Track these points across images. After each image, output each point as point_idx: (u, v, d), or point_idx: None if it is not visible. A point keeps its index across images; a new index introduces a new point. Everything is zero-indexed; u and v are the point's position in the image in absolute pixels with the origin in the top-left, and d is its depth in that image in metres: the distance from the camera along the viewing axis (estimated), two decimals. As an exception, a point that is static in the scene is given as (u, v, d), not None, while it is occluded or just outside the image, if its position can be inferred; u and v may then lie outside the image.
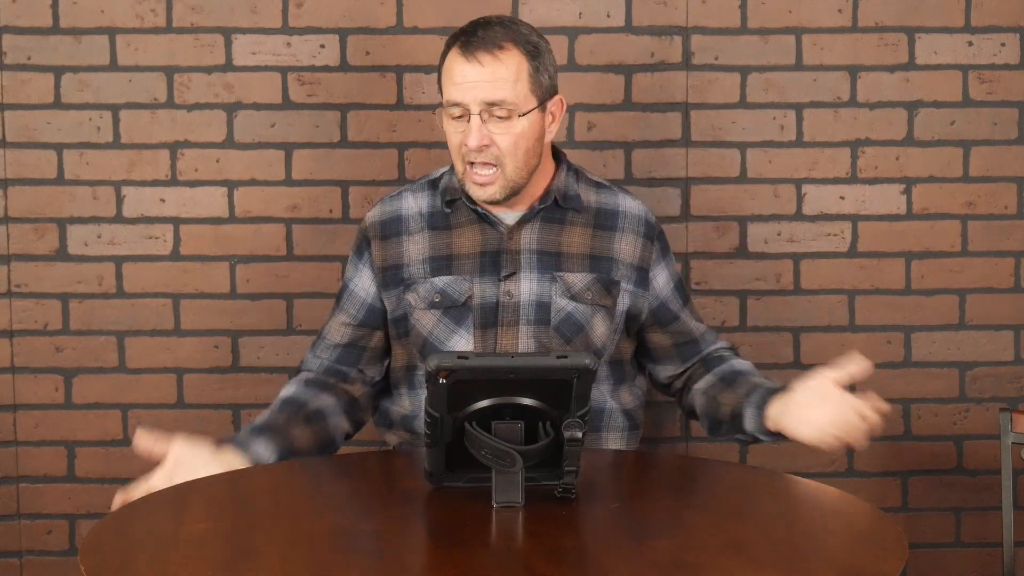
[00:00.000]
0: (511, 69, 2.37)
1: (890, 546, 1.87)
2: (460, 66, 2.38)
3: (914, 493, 3.14)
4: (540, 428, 2.01)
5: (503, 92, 2.36)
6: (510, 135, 2.38)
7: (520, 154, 2.39)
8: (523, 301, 2.45)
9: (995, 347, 3.12)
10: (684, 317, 2.58)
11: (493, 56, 2.37)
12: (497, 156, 2.38)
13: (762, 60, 3.06)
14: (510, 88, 2.37)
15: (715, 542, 1.89)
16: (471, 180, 2.41)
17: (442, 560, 1.84)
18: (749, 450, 3.11)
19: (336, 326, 2.53)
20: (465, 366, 1.93)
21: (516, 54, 2.39)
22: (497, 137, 2.38)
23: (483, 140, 2.37)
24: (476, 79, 2.36)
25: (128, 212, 3.05)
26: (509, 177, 2.40)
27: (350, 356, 2.53)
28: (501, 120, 2.37)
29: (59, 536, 3.10)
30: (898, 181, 3.09)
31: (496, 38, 2.38)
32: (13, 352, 3.06)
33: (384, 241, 2.51)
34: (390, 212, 2.54)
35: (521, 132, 2.38)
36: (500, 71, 2.36)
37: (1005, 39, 3.06)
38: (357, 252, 2.55)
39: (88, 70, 3.03)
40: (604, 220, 2.52)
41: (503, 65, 2.37)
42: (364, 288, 2.52)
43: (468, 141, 2.37)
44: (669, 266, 2.57)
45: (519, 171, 2.41)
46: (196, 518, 2.01)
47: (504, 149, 2.38)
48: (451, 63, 2.40)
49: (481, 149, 2.37)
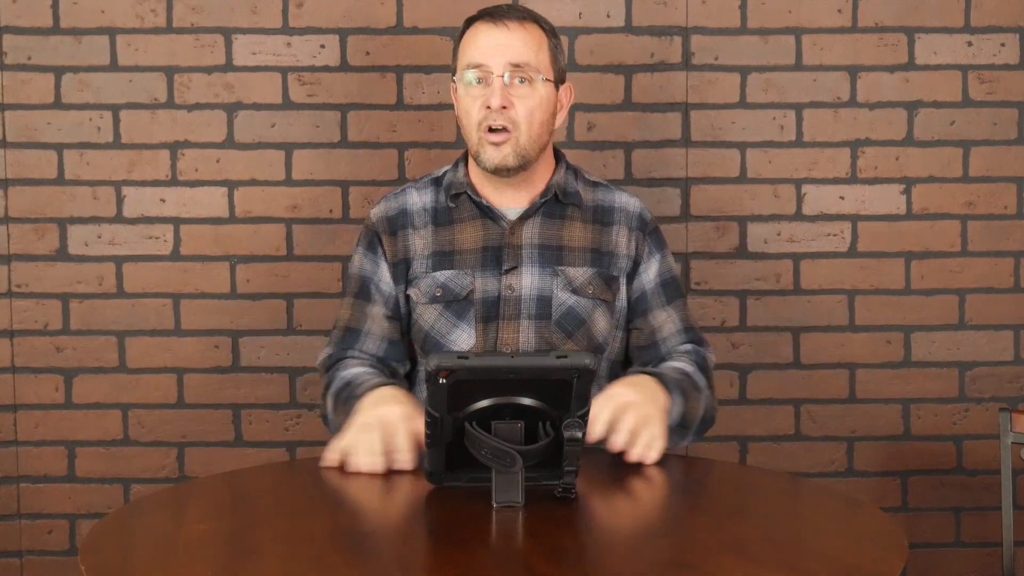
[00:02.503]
0: (535, 38, 2.45)
1: (890, 546, 1.87)
2: (487, 30, 2.44)
3: (914, 493, 3.14)
4: (540, 428, 2.02)
5: (528, 55, 2.43)
6: (530, 100, 2.43)
7: (535, 124, 2.44)
8: (524, 295, 2.46)
9: (995, 347, 3.12)
10: (656, 313, 2.51)
11: (520, 24, 2.45)
12: (514, 120, 2.42)
13: (762, 60, 3.06)
14: (534, 53, 2.44)
15: (715, 542, 1.89)
16: (487, 143, 2.43)
17: (442, 560, 1.84)
18: (749, 450, 3.11)
19: (377, 319, 2.49)
20: (465, 366, 1.93)
21: (539, 29, 2.47)
22: (517, 101, 2.42)
23: (505, 101, 2.41)
24: (503, 41, 2.42)
25: (128, 212, 3.06)
26: (522, 144, 2.43)
27: (396, 351, 2.52)
28: (522, 84, 2.43)
29: (59, 536, 3.10)
30: (898, 181, 3.09)
31: (521, 13, 2.47)
32: (13, 352, 3.06)
33: (392, 236, 2.52)
34: (396, 207, 2.54)
35: (539, 100, 2.44)
36: (526, 36, 2.44)
37: (1005, 39, 3.06)
38: (370, 248, 2.54)
39: (88, 70, 3.03)
40: (601, 216, 2.53)
41: (528, 33, 2.45)
42: (387, 282, 2.51)
43: (491, 101, 2.41)
44: (662, 262, 2.55)
45: (531, 141, 2.44)
46: (196, 518, 2.01)
47: (522, 114, 2.42)
48: (475, 32, 2.46)
49: (501, 110, 2.40)
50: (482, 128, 2.42)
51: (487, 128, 2.42)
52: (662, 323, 2.52)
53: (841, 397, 3.11)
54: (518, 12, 2.47)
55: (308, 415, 3.09)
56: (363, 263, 2.54)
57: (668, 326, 2.52)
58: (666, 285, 2.54)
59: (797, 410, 3.11)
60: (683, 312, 2.55)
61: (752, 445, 3.11)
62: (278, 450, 3.10)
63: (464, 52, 2.46)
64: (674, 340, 2.52)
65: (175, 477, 3.09)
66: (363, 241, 2.56)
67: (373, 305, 2.51)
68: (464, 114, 2.46)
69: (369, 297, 2.52)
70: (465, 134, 2.47)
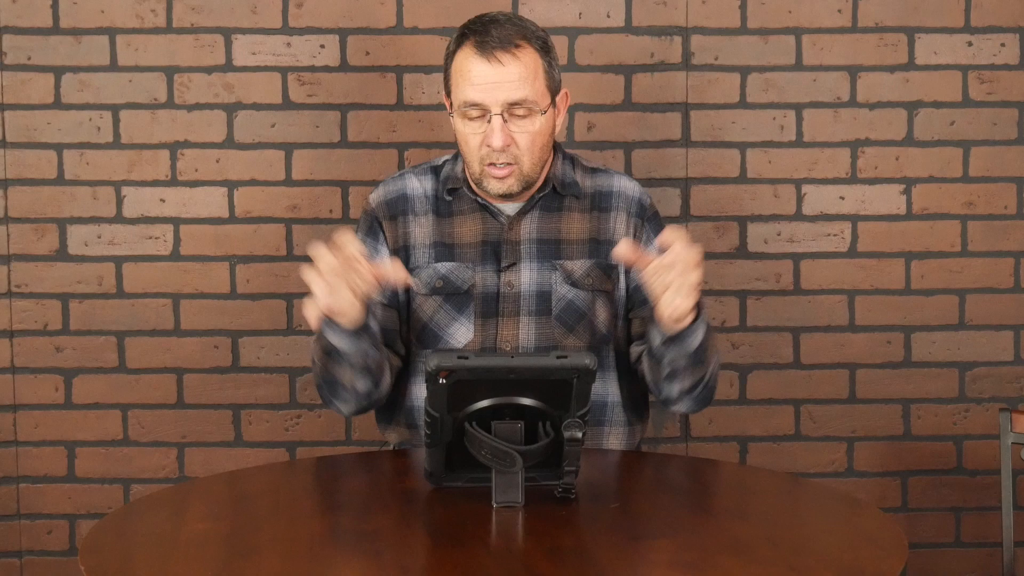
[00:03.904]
0: (529, 68, 2.38)
1: (890, 546, 1.87)
2: (479, 66, 2.37)
3: (914, 493, 3.14)
4: (540, 428, 2.02)
5: (524, 91, 2.37)
6: (529, 133, 2.39)
7: (537, 151, 2.42)
8: (524, 291, 2.45)
9: (995, 347, 3.12)
10: None
11: (512, 55, 2.37)
12: (516, 155, 2.40)
13: (762, 60, 3.06)
14: (530, 86, 2.38)
15: (715, 542, 1.89)
16: (490, 176, 2.41)
17: (442, 560, 1.84)
18: (749, 450, 3.11)
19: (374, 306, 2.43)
20: (465, 366, 1.93)
21: (531, 51, 2.40)
22: (517, 136, 2.39)
23: (506, 140, 2.38)
24: (497, 79, 2.37)
25: (128, 212, 3.05)
26: (526, 172, 2.42)
27: (392, 339, 2.47)
28: (521, 119, 2.39)
29: (59, 536, 3.10)
30: (898, 181, 3.09)
31: (511, 36, 2.38)
32: (13, 352, 3.06)
33: (392, 221, 2.50)
34: (395, 191, 2.52)
35: (539, 128, 2.41)
36: (520, 70, 2.37)
37: (1005, 39, 3.06)
38: (370, 233, 2.51)
39: (88, 70, 3.03)
40: (600, 202, 2.51)
41: (521, 64, 2.38)
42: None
43: (491, 142, 2.37)
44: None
45: (535, 167, 2.43)
46: (196, 518, 2.01)
47: (523, 147, 2.40)
48: (467, 63, 2.39)
49: (504, 149, 2.38)
50: (484, 163, 2.41)
51: (489, 163, 2.41)
52: None
53: (841, 397, 3.11)
54: (508, 35, 2.38)
55: (308, 415, 3.09)
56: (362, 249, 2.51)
57: None
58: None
59: (797, 410, 3.11)
60: None
61: (752, 445, 3.11)
62: (278, 450, 3.10)
63: (458, 85, 2.41)
64: None
65: (175, 477, 3.09)
66: (362, 227, 2.53)
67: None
68: (463, 142, 2.43)
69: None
70: (465, 160, 2.45)
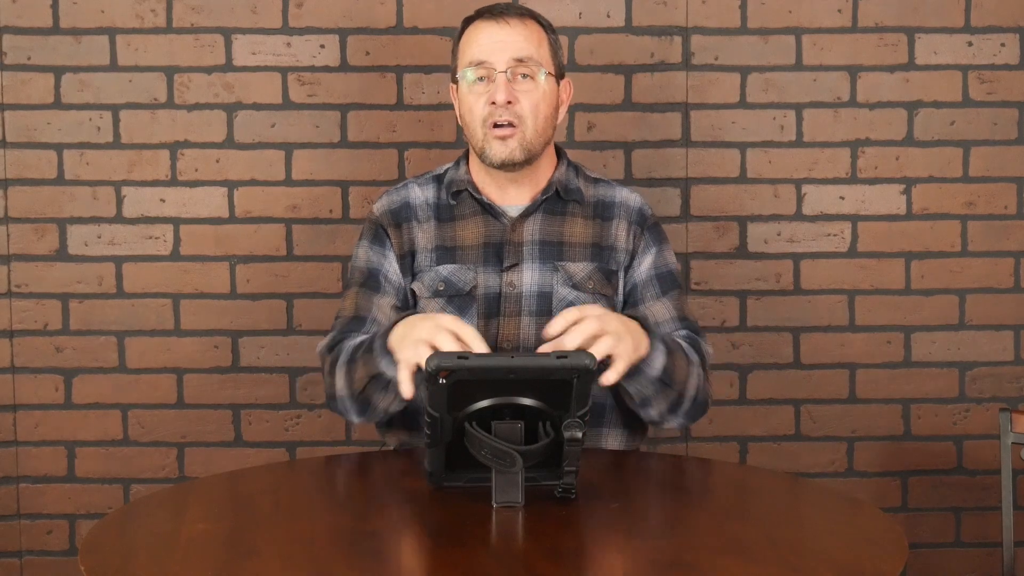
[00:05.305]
0: (535, 33, 2.47)
1: (890, 546, 1.87)
2: (487, 28, 2.46)
3: (914, 493, 3.14)
4: (540, 428, 2.01)
5: (530, 49, 2.44)
6: (534, 94, 2.44)
7: (540, 118, 2.45)
8: (525, 292, 2.46)
9: (995, 347, 3.12)
10: (648, 304, 2.49)
11: (520, 20, 2.47)
12: (519, 114, 2.43)
13: (762, 60, 3.06)
14: (535, 48, 2.45)
15: (715, 542, 1.89)
16: (493, 138, 2.43)
17: (442, 560, 1.84)
18: (749, 450, 3.11)
19: (384, 309, 2.46)
20: (465, 366, 1.93)
21: (538, 26, 2.49)
22: (521, 96, 2.44)
23: (510, 95, 2.42)
24: (503, 38, 2.44)
25: (128, 212, 3.06)
26: (528, 138, 2.44)
27: None
28: (525, 79, 2.44)
29: (59, 536, 3.10)
30: (898, 181, 3.09)
31: (519, 10, 2.49)
32: (13, 352, 3.06)
33: (397, 229, 2.52)
34: (399, 200, 2.54)
35: (543, 94, 2.45)
36: (526, 32, 2.46)
37: (1005, 39, 3.06)
38: (376, 240, 2.53)
39: (88, 70, 3.03)
40: (603, 210, 2.53)
41: (528, 28, 2.46)
42: (396, 273, 2.50)
43: (496, 96, 2.42)
44: (658, 256, 2.53)
45: (537, 135, 2.45)
46: (196, 518, 2.01)
47: (527, 108, 2.43)
48: (475, 30, 2.47)
49: (507, 105, 2.41)
50: (487, 124, 2.43)
51: (492, 124, 2.42)
52: (655, 312, 2.47)
53: (841, 397, 3.11)
54: (517, 9, 2.49)
55: (308, 415, 3.09)
56: (369, 255, 2.52)
57: (662, 314, 2.47)
58: (661, 278, 2.51)
59: (797, 410, 3.11)
60: (679, 303, 2.50)
61: (752, 445, 3.11)
62: (278, 450, 3.10)
63: (464, 51, 2.47)
64: (668, 327, 2.46)
65: (175, 477, 3.09)
66: (367, 235, 2.55)
67: (382, 296, 2.49)
68: (467, 112, 2.46)
69: (377, 287, 2.50)
70: (469, 132, 2.47)
